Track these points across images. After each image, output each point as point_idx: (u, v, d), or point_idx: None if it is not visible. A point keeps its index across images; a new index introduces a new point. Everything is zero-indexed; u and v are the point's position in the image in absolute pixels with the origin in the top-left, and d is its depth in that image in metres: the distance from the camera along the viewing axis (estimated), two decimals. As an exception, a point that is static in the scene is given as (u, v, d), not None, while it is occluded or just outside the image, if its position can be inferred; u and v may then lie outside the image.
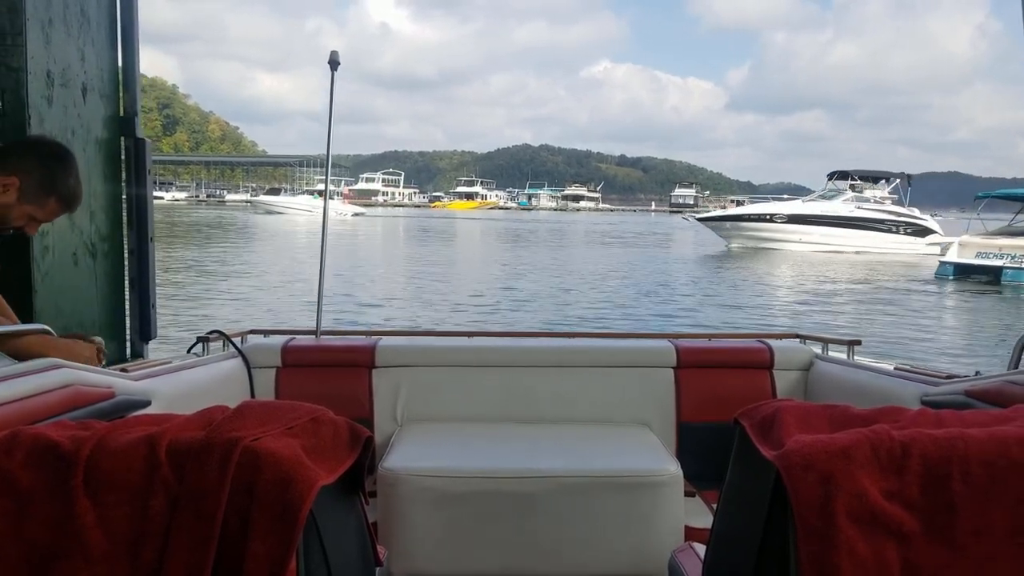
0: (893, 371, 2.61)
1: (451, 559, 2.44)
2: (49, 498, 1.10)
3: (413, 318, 14.73)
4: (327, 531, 1.21)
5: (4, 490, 1.10)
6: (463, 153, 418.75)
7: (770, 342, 3.22)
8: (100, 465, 1.12)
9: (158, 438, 1.14)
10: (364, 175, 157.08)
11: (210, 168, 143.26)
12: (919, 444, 1.17)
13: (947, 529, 1.15)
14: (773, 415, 1.33)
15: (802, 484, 1.15)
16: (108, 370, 2.07)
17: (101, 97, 2.97)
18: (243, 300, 16.43)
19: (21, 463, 1.12)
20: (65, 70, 2.72)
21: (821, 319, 15.63)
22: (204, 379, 2.59)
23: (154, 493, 1.10)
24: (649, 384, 3.11)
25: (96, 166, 2.94)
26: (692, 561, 1.80)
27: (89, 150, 2.88)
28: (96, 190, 2.92)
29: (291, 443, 1.15)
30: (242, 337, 3.13)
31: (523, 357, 3.16)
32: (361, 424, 1.35)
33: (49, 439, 1.14)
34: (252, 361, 2.98)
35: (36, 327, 2.17)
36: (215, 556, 1.08)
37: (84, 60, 2.84)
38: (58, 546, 1.09)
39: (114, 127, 3.07)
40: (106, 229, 3.00)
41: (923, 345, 12.97)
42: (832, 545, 1.13)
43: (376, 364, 3.08)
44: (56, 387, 1.65)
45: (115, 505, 1.11)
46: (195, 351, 2.83)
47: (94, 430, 1.18)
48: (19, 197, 2.07)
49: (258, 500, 1.08)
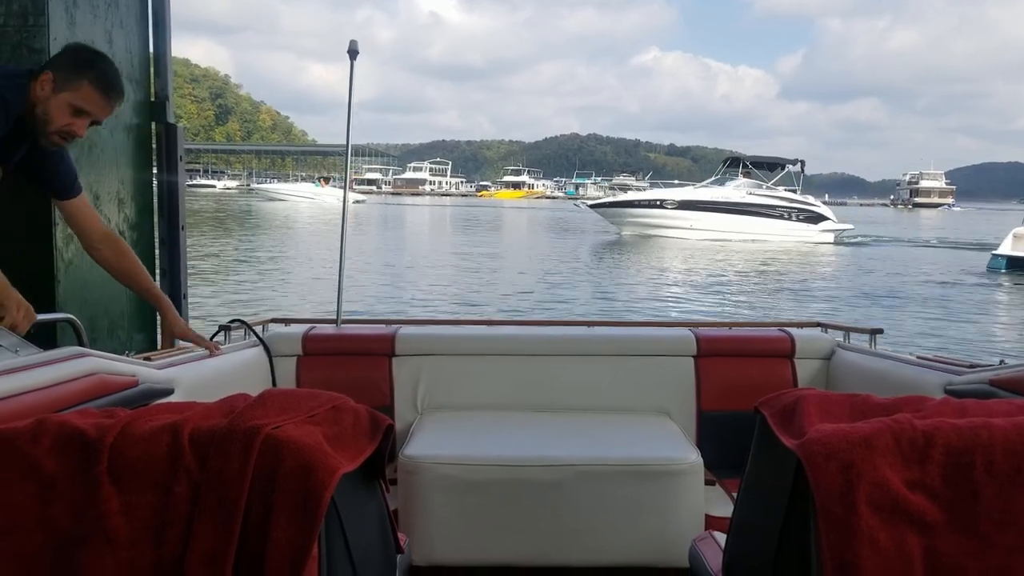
0: (916, 360, 2.58)
1: (471, 546, 2.44)
2: (74, 485, 1.12)
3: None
4: (348, 518, 1.21)
5: (30, 476, 1.12)
6: (511, 142, 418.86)
7: (791, 331, 3.20)
8: (124, 452, 1.13)
9: (181, 426, 1.15)
10: (411, 164, 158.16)
11: (261, 157, 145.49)
12: (942, 433, 1.17)
13: (970, 519, 1.15)
14: (794, 404, 1.33)
15: (823, 473, 1.14)
16: (132, 359, 2.08)
17: (130, 81, 2.90)
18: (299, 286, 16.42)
19: (47, 450, 1.13)
20: None
21: (849, 315, 15.04)
22: (226, 368, 2.60)
23: (177, 480, 1.11)
24: (669, 373, 3.10)
25: (125, 152, 2.87)
26: (712, 550, 1.80)
27: (117, 135, 2.80)
28: (125, 177, 2.85)
29: (312, 431, 1.16)
30: (263, 326, 3.14)
31: (543, 345, 3.16)
32: (381, 412, 1.35)
33: (74, 427, 1.15)
34: (273, 350, 2.99)
35: (62, 316, 2.20)
36: (237, 542, 1.09)
37: (112, 43, 2.77)
38: (82, 531, 1.10)
39: (144, 112, 3.00)
40: (135, 217, 2.93)
41: (978, 345, 12.41)
42: (853, 534, 1.12)
43: (396, 352, 3.08)
44: (81, 375, 1.66)
45: (139, 492, 1.12)
46: (217, 340, 2.83)
47: (118, 418, 1.19)
48: (54, 88, 2.08)
49: (280, 487, 1.09)
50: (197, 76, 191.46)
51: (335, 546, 1.17)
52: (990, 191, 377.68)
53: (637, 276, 20.42)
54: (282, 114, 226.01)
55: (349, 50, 3.30)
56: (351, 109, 3.40)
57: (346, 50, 3.30)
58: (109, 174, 2.77)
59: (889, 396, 1.35)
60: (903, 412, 1.24)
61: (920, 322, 13.93)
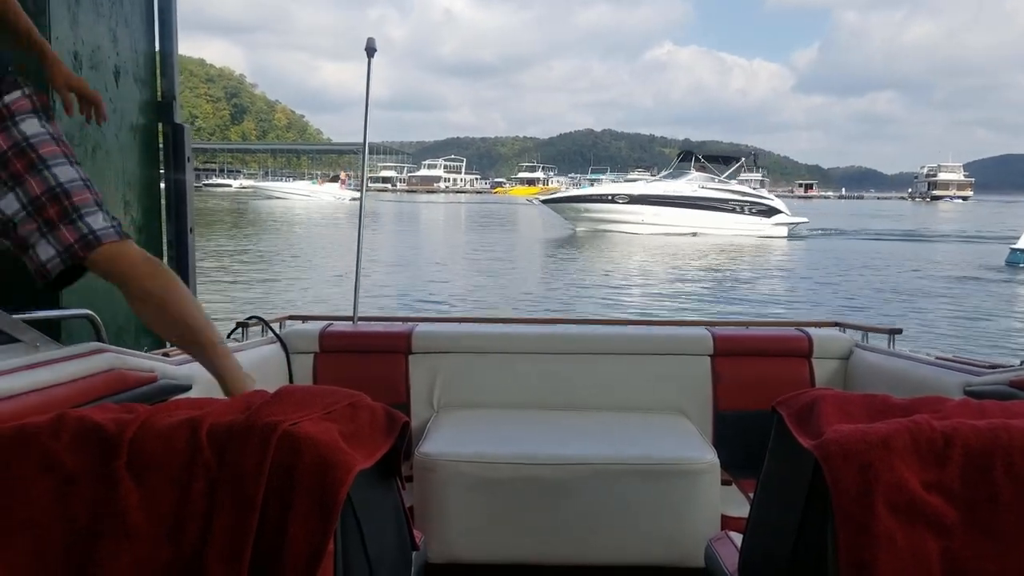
0: (934, 360, 2.57)
1: (486, 544, 2.45)
2: (93, 480, 1.12)
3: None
4: (364, 515, 1.21)
5: (50, 471, 1.12)
6: (525, 139, 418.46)
7: (809, 330, 3.18)
8: (143, 448, 1.13)
9: (199, 422, 1.15)
10: (426, 161, 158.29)
11: (276, 156, 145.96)
12: (961, 435, 1.16)
13: (989, 521, 1.13)
14: (811, 404, 1.32)
15: (841, 474, 1.13)
16: (150, 354, 2.09)
17: (136, 81, 2.85)
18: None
19: (67, 445, 1.14)
20: (95, 52, 2.59)
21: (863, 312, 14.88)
22: (243, 364, 2.54)
23: (195, 476, 1.12)
24: (686, 372, 3.09)
25: (131, 152, 2.81)
26: (728, 550, 1.80)
27: (123, 136, 2.75)
28: (131, 178, 2.80)
29: (329, 428, 1.16)
30: (280, 323, 3.16)
31: (559, 344, 3.15)
32: (397, 410, 1.35)
33: (94, 422, 1.16)
34: (290, 347, 2.99)
35: (81, 312, 2.18)
36: (254, 538, 1.09)
37: (116, 42, 2.71)
38: (101, 526, 1.11)
39: (151, 112, 2.95)
40: (141, 219, 2.88)
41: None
42: (871, 536, 1.11)
43: (412, 350, 3.09)
44: (100, 371, 1.68)
45: (157, 487, 1.12)
46: (234, 336, 2.85)
47: (137, 413, 1.20)
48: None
49: (297, 483, 1.09)
50: (212, 76, 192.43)
51: (351, 543, 1.17)
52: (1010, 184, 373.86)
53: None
54: (297, 113, 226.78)
55: (366, 47, 3.30)
56: (368, 106, 3.40)
57: (363, 48, 3.31)
58: (114, 176, 2.72)
59: (907, 397, 1.34)
60: (921, 413, 1.23)
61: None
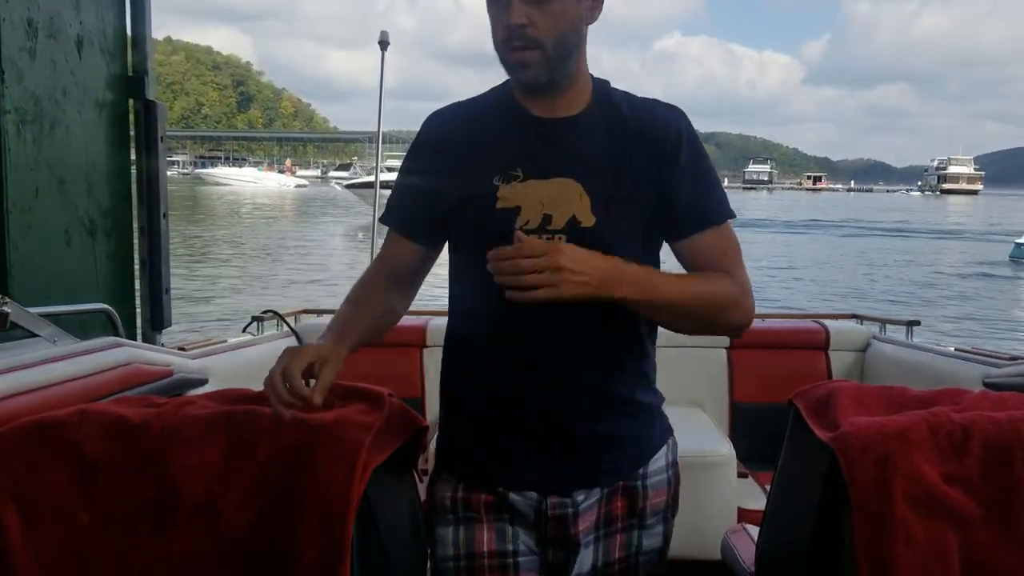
0: (953, 352, 2.55)
1: None
2: (119, 471, 1.14)
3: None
4: (380, 509, 1.22)
5: (76, 463, 1.15)
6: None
7: (826, 322, 3.17)
8: (166, 439, 1.15)
9: (219, 414, 1.18)
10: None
11: (282, 144, 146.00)
12: (980, 427, 1.15)
13: (1009, 514, 1.13)
14: (828, 396, 1.31)
15: (858, 467, 1.13)
16: (166, 348, 2.11)
17: (103, 52, 2.59)
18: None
19: (91, 437, 1.16)
20: (53, 19, 2.34)
21: None
22: (259, 358, 2.60)
23: (218, 466, 1.13)
24: (702, 364, 3.08)
25: (97, 131, 2.56)
26: (745, 543, 1.79)
27: (86, 113, 2.50)
28: (95, 159, 2.55)
29: (346, 422, 1.17)
30: (295, 317, 3.17)
31: None
32: (413, 404, 1.36)
33: (117, 414, 1.19)
34: (305, 340, 2.97)
35: (99, 307, 2.15)
36: (272, 531, 1.10)
37: (80, 10, 2.46)
38: (130, 514, 1.13)
39: (120, 87, 2.70)
40: (108, 203, 2.62)
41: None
42: (888, 529, 1.11)
43: (427, 344, 3.11)
44: (117, 365, 1.70)
45: (180, 476, 1.14)
46: (250, 331, 2.87)
47: (158, 405, 1.23)
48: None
49: (314, 476, 1.11)
50: (219, 63, 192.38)
51: (367, 537, 1.18)
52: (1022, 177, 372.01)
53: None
54: (304, 101, 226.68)
55: (380, 41, 3.34)
56: (382, 99, 3.44)
57: (372, 37, 3.35)
58: (76, 156, 2.48)
59: (926, 389, 1.33)
60: (940, 405, 1.22)
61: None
